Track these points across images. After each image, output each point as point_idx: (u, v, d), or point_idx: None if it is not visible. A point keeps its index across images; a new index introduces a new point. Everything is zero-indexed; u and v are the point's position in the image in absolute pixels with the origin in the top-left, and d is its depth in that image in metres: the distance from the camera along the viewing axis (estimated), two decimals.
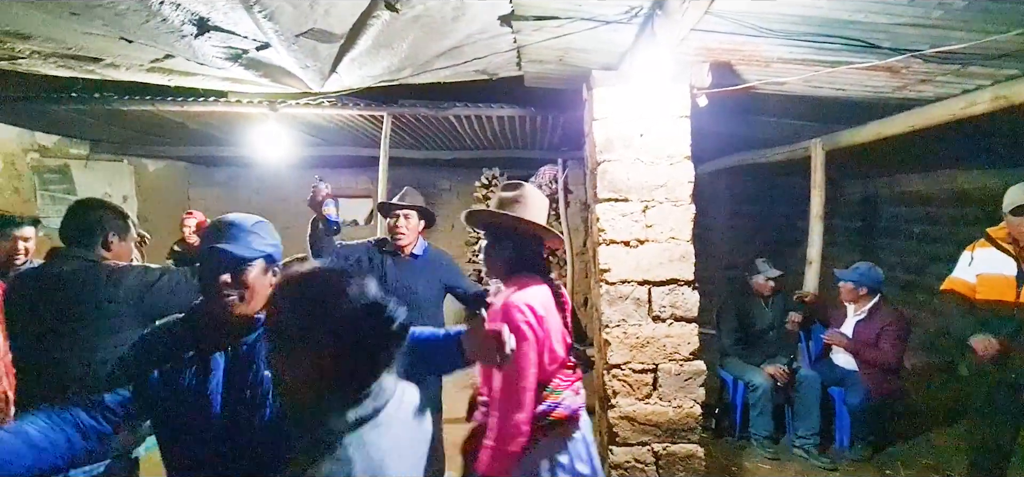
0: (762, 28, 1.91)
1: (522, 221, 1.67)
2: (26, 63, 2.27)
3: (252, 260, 1.19)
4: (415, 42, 2.12)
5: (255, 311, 1.21)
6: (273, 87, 2.63)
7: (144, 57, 2.18)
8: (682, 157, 2.40)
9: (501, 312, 1.58)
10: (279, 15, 1.71)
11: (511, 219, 1.68)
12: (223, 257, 1.16)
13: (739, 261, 6.17)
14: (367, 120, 3.82)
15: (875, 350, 3.32)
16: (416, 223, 2.68)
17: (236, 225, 1.21)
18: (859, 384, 3.32)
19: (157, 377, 1.17)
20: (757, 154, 4.93)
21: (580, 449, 1.67)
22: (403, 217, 2.63)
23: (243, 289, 1.18)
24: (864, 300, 3.46)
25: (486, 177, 6.08)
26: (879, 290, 3.45)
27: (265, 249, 1.22)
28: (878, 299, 3.45)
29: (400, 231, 2.62)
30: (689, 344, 2.40)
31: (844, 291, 3.54)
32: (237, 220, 1.23)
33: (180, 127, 4.15)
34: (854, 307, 3.51)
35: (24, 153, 4.17)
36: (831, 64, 2.23)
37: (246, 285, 1.18)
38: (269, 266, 1.24)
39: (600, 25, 1.96)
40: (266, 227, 1.27)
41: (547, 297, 1.68)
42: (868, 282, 3.43)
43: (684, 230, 2.40)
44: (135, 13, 1.65)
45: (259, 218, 1.28)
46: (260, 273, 1.21)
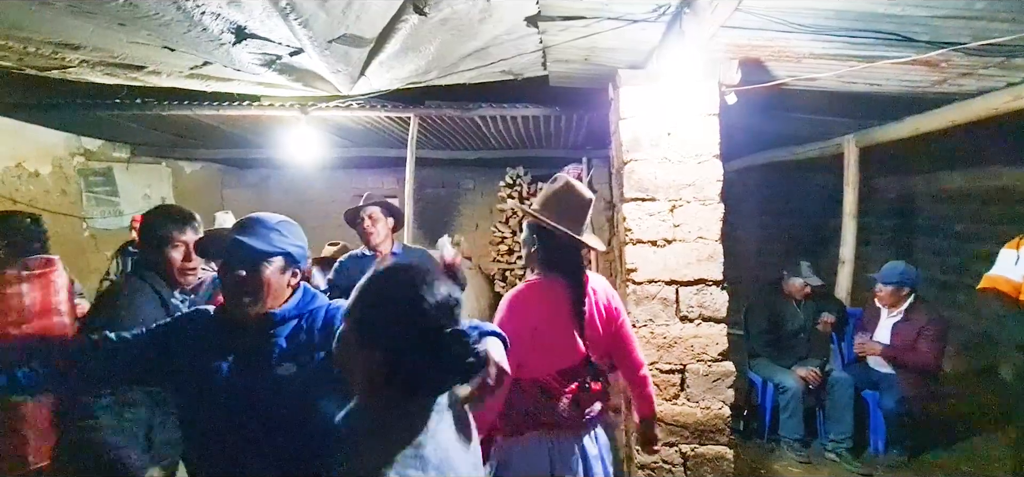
0: (793, 24, 1.88)
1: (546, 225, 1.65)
2: (75, 71, 2.39)
3: (271, 256, 1.18)
4: (442, 44, 2.16)
5: (272, 307, 1.21)
6: (304, 91, 2.71)
7: (184, 64, 2.27)
8: (711, 155, 2.37)
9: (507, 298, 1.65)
10: (313, 22, 1.76)
11: (537, 221, 1.67)
12: (240, 249, 1.16)
13: (769, 261, 6.05)
14: (394, 121, 3.88)
15: (914, 353, 3.21)
16: (384, 221, 2.63)
17: (259, 221, 1.22)
18: (895, 387, 3.22)
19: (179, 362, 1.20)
20: (787, 151, 4.83)
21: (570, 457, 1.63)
22: (368, 219, 2.59)
23: (259, 285, 1.17)
24: (903, 300, 3.35)
25: (510, 176, 6.10)
26: (916, 290, 3.35)
27: (286, 247, 1.21)
28: (914, 299, 3.34)
29: (369, 231, 2.58)
30: (717, 345, 2.38)
31: (883, 294, 3.39)
32: (261, 216, 1.24)
33: (215, 130, 4.29)
34: (889, 310, 3.40)
35: (71, 157, 4.38)
36: (866, 59, 2.18)
37: (261, 281, 1.17)
38: (289, 265, 1.23)
39: (627, 24, 1.96)
40: (292, 227, 1.26)
41: (559, 298, 1.65)
42: (909, 282, 3.32)
43: (713, 229, 2.37)
44: (178, 23, 1.73)
45: (285, 218, 1.28)
46: (278, 271, 1.20)
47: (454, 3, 1.76)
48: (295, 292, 1.27)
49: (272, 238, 1.20)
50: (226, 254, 1.19)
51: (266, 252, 1.18)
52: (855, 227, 3.99)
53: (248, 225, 1.21)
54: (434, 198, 6.72)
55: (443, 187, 6.74)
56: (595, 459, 1.69)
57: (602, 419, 1.76)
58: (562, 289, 1.66)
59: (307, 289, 1.31)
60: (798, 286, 3.61)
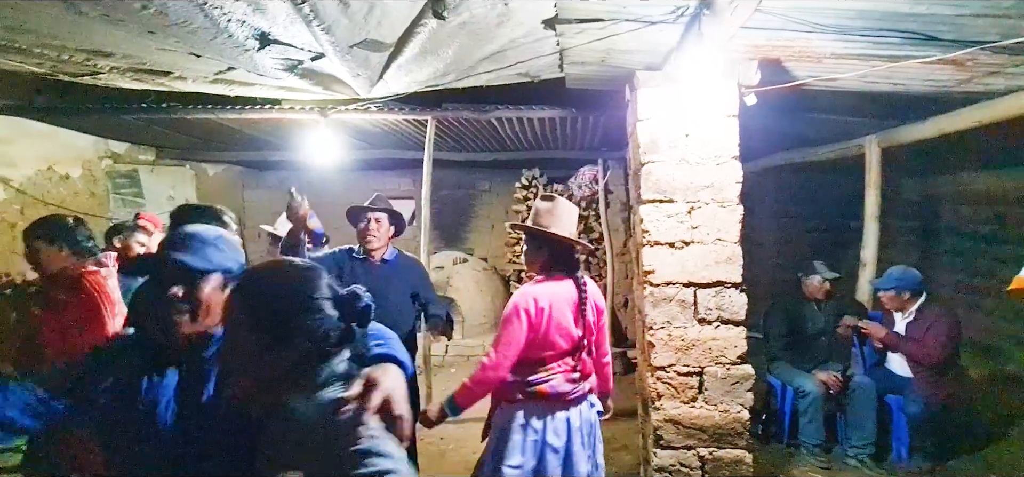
0: (814, 24, 1.86)
1: (552, 234, 2.02)
2: (106, 77, 2.46)
3: (208, 273, 1.12)
4: (460, 48, 2.18)
5: (210, 326, 1.14)
6: (324, 94, 2.76)
7: (209, 70, 2.33)
8: (730, 157, 2.36)
9: (516, 296, 2.01)
10: (335, 28, 1.79)
11: (544, 233, 2.03)
12: (177, 268, 1.09)
13: (788, 263, 5.96)
14: (412, 124, 3.92)
15: (916, 344, 3.17)
16: (386, 228, 2.64)
17: (195, 236, 1.15)
18: (918, 392, 3.16)
19: (109, 386, 1.11)
20: (807, 152, 4.77)
21: (559, 426, 2.02)
22: (373, 221, 2.59)
23: (196, 303, 1.10)
24: (909, 304, 3.30)
25: (526, 178, 6.11)
26: (922, 290, 3.29)
27: (224, 263, 1.15)
28: (924, 299, 3.29)
29: (370, 234, 2.57)
30: (736, 347, 2.36)
31: (886, 300, 3.38)
32: (197, 231, 1.17)
33: (236, 133, 4.38)
34: (901, 313, 3.36)
35: (99, 160, 4.51)
36: (888, 59, 2.15)
37: (199, 300, 1.10)
38: (228, 281, 1.15)
39: (644, 26, 1.96)
40: (228, 241, 1.20)
41: (560, 294, 2.01)
42: (907, 286, 3.28)
43: (731, 231, 2.35)
44: (205, 30, 1.77)
45: (221, 231, 1.22)
46: (216, 288, 1.13)
47: (473, 7, 1.78)
48: None
49: (210, 254, 1.13)
50: (160, 272, 1.11)
51: (204, 270, 1.11)
52: (877, 229, 3.92)
53: (183, 241, 1.14)
54: (450, 200, 6.77)
55: (459, 188, 6.78)
56: (577, 431, 2.04)
57: (587, 397, 2.11)
58: (568, 284, 2.04)
59: None
60: (817, 284, 3.56)
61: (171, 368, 1.14)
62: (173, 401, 1.12)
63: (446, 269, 5.88)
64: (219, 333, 1.15)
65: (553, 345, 1.99)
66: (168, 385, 1.13)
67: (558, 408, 2.02)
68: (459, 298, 5.66)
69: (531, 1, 1.77)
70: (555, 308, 1.97)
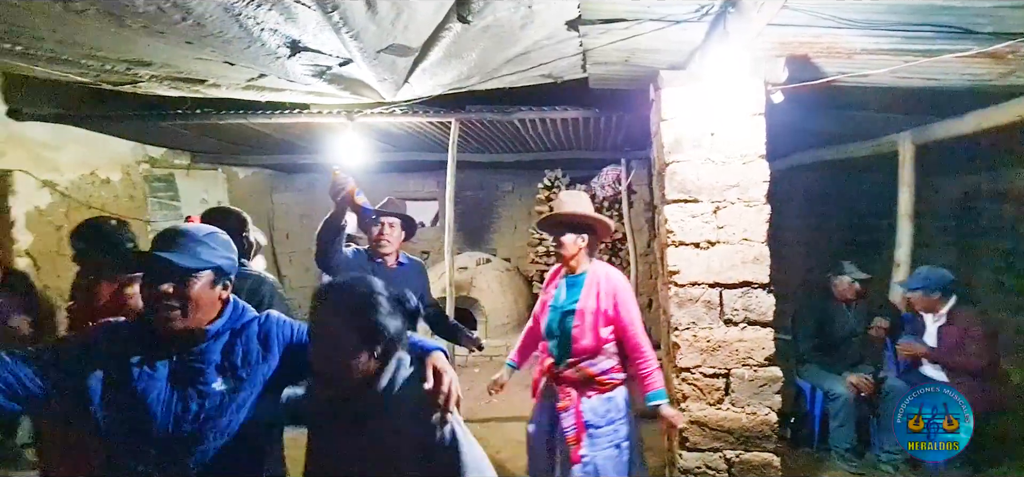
0: (844, 19, 1.82)
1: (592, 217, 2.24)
2: (145, 86, 2.57)
3: (198, 271, 1.13)
4: (484, 51, 2.20)
5: (201, 323, 1.16)
6: (351, 98, 2.82)
7: (242, 77, 2.41)
8: (756, 156, 2.33)
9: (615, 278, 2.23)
10: (364, 34, 1.84)
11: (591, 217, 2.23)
12: (165, 267, 1.10)
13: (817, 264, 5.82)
14: (435, 126, 3.97)
15: (963, 356, 3.05)
16: (399, 233, 2.65)
17: (185, 234, 1.16)
18: None
19: (100, 377, 1.11)
20: (837, 150, 4.65)
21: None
22: (388, 226, 2.59)
23: (186, 301, 1.11)
24: (939, 305, 3.19)
25: (549, 178, 6.12)
26: (952, 291, 3.17)
27: (214, 261, 1.16)
28: (954, 301, 3.17)
29: (385, 239, 2.58)
30: (763, 349, 2.33)
31: (915, 301, 3.27)
32: (187, 229, 1.18)
33: (266, 137, 4.50)
34: (932, 315, 3.25)
35: (137, 164, 4.69)
36: (922, 53, 2.09)
37: (189, 297, 1.12)
38: (219, 278, 1.18)
39: (669, 25, 1.95)
40: (218, 238, 1.21)
41: None
42: (935, 286, 3.16)
43: (758, 231, 2.32)
44: (239, 40, 1.84)
45: (212, 229, 1.23)
46: (206, 285, 1.15)
47: (497, 11, 1.80)
48: (226, 306, 1.23)
49: (199, 252, 1.15)
50: (151, 269, 1.13)
51: (194, 267, 1.13)
52: (911, 229, 3.81)
53: (173, 238, 1.15)
54: (473, 201, 6.82)
55: (482, 189, 6.83)
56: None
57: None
58: None
59: (237, 302, 1.28)
60: (846, 285, 3.47)
61: (162, 360, 1.15)
62: (165, 393, 1.13)
63: (470, 269, 5.92)
64: (215, 329, 1.19)
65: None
66: (160, 377, 1.14)
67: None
68: (482, 298, 5.69)
69: (554, 3, 1.78)
70: None
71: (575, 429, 2.13)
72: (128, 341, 1.16)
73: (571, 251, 2.22)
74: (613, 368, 2.19)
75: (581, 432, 2.12)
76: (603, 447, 2.13)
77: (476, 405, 4.27)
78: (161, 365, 1.15)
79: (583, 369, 2.17)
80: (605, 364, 2.18)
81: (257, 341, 1.25)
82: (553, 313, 2.26)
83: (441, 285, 3.94)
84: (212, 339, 1.19)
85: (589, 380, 2.16)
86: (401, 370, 1.20)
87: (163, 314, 1.11)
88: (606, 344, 2.18)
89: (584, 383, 2.17)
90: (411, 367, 1.22)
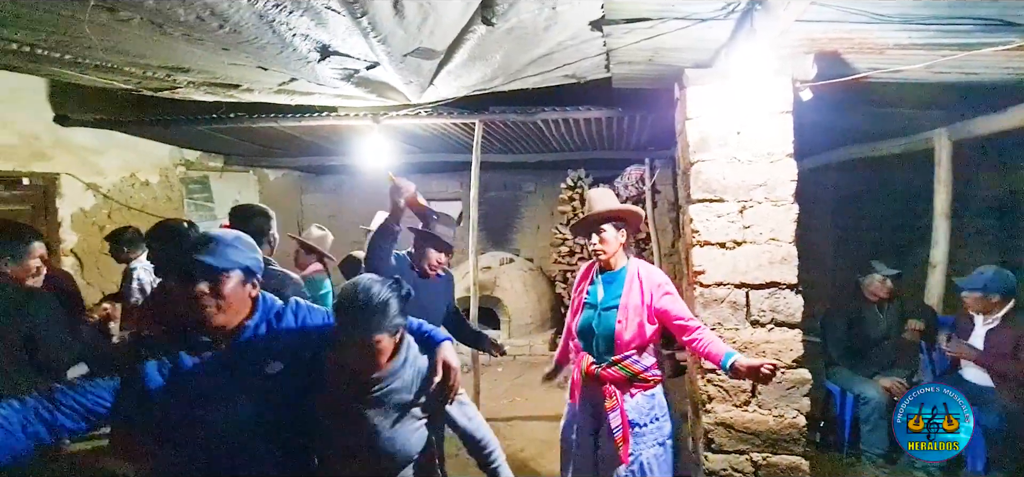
0: (875, 14, 1.79)
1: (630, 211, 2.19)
2: (183, 91, 2.68)
3: (229, 271, 1.25)
4: (507, 53, 2.23)
5: (237, 318, 1.29)
6: (378, 101, 2.88)
7: (273, 81, 2.49)
8: (784, 155, 2.29)
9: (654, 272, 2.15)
10: (391, 39, 1.88)
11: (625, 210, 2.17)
12: (201, 268, 1.22)
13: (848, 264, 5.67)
14: (460, 127, 4.02)
15: (1015, 362, 2.93)
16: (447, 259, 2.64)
17: (216, 239, 1.27)
18: (995, 401, 2.94)
19: (152, 374, 1.24)
20: (869, 147, 4.53)
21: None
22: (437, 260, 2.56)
23: (220, 297, 1.24)
24: (996, 308, 3.06)
25: (571, 178, 6.11)
26: (1013, 295, 3.04)
27: (242, 261, 1.28)
28: (1012, 305, 3.04)
29: (437, 262, 2.56)
30: (791, 351, 2.29)
31: (970, 302, 3.13)
32: (217, 234, 1.30)
33: (295, 140, 4.62)
34: (983, 317, 3.12)
35: (174, 167, 4.88)
36: (959, 47, 2.03)
37: (222, 295, 1.24)
38: (248, 277, 1.30)
39: (694, 23, 1.94)
40: (244, 241, 1.33)
41: None
42: (998, 288, 3.03)
43: (786, 231, 2.29)
44: (272, 45, 1.91)
45: (239, 233, 1.35)
46: (238, 284, 1.27)
47: (521, 13, 1.82)
48: (256, 302, 1.36)
49: (229, 254, 1.26)
50: (188, 272, 1.24)
51: (226, 268, 1.25)
52: (948, 228, 3.68)
53: (206, 243, 1.26)
54: (496, 201, 6.86)
55: (505, 190, 6.86)
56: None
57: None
58: None
59: (266, 295, 1.41)
60: (877, 284, 3.37)
61: (208, 354, 1.28)
62: (213, 383, 1.26)
63: (493, 269, 5.96)
64: (252, 323, 1.33)
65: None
66: (208, 370, 1.27)
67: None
68: (506, 298, 5.72)
69: (578, 4, 1.79)
70: None
71: (622, 428, 2.06)
72: (175, 342, 1.29)
73: (613, 246, 2.15)
74: (654, 365, 2.13)
75: (627, 431, 2.06)
76: (649, 445, 2.07)
77: (498, 405, 4.31)
78: (208, 358, 1.28)
79: (628, 366, 2.08)
80: (648, 361, 2.11)
81: (290, 327, 1.39)
82: (589, 311, 2.19)
83: (465, 285, 3.98)
84: (251, 331, 1.32)
85: (633, 377, 2.09)
86: (411, 349, 1.43)
87: (202, 311, 1.24)
88: (651, 340, 2.11)
89: (628, 381, 2.09)
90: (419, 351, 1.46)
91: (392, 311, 1.32)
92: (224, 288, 1.24)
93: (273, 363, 1.32)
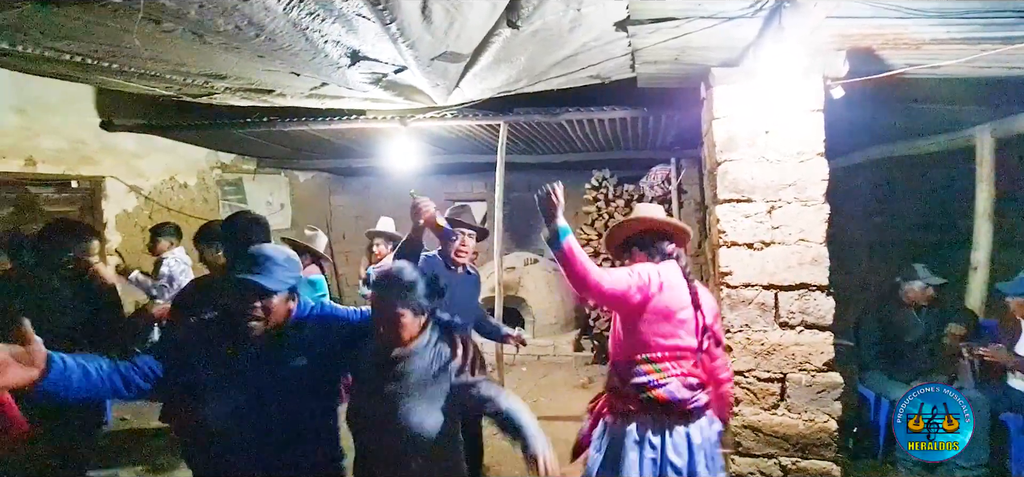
0: (910, 9, 1.74)
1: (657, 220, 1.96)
2: (220, 97, 2.79)
3: (279, 292, 1.39)
4: (532, 55, 2.25)
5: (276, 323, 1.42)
6: (405, 104, 2.94)
7: (305, 86, 2.57)
8: (814, 154, 2.25)
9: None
10: (419, 44, 1.93)
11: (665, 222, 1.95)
12: (253, 288, 1.35)
13: (882, 266, 5.50)
14: (484, 129, 4.05)
15: None
16: (473, 243, 2.68)
17: (270, 259, 1.41)
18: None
19: (202, 361, 1.39)
20: (905, 146, 4.39)
21: (679, 442, 1.71)
22: (467, 237, 2.62)
23: (268, 313, 1.38)
24: None
25: (596, 179, 6.08)
26: None
27: (290, 282, 1.43)
28: None
29: (464, 250, 2.60)
30: (822, 354, 2.25)
31: (1015, 307, 2.99)
32: (271, 253, 1.43)
33: (325, 143, 4.74)
34: None
35: (211, 170, 5.06)
36: (1001, 41, 1.96)
37: (270, 310, 1.38)
38: (292, 294, 1.45)
39: (720, 22, 1.93)
40: (292, 261, 1.47)
41: (671, 277, 1.78)
42: None
43: (816, 231, 2.24)
44: (305, 52, 1.97)
45: (289, 253, 1.49)
46: (283, 301, 1.42)
47: (545, 15, 1.84)
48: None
49: (279, 275, 1.40)
50: (240, 288, 1.37)
51: (276, 289, 1.38)
52: (990, 229, 3.54)
53: (261, 262, 1.40)
54: (520, 202, 6.87)
55: (530, 191, 6.83)
56: (698, 450, 1.72)
57: (706, 412, 1.78)
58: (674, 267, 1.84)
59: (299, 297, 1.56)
60: (919, 290, 3.25)
61: (248, 347, 1.40)
62: (251, 375, 1.39)
63: (517, 269, 5.98)
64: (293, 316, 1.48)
65: (666, 334, 1.72)
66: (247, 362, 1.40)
67: (677, 421, 1.73)
68: (530, 298, 5.74)
69: (603, 5, 1.80)
70: (668, 288, 1.74)
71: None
72: (221, 333, 1.43)
73: None
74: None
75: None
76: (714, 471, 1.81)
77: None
78: (247, 351, 1.40)
79: None
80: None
81: (319, 327, 1.52)
82: None
83: (490, 285, 4.01)
84: (287, 331, 1.46)
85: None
86: (435, 335, 1.53)
87: (249, 322, 1.38)
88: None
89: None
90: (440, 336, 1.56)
91: (417, 292, 1.45)
92: (271, 304, 1.39)
93: (291, 361, 1.44)
